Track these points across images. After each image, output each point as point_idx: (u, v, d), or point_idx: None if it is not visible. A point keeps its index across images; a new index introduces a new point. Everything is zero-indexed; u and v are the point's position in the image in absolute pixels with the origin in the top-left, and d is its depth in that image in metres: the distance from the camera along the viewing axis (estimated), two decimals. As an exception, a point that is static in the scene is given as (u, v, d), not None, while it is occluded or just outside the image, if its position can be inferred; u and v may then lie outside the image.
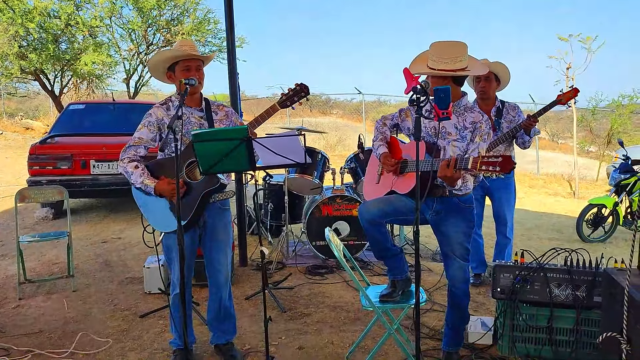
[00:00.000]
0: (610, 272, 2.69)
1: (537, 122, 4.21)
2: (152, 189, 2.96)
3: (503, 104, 4.40)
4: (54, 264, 5.41)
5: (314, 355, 3.39)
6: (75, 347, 3.51)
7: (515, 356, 3.30)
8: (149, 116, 3.10)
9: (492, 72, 4.26)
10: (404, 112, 3.19)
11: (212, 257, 3.23)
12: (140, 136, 3.07)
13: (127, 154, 3.06)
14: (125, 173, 3.05)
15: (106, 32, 15.81)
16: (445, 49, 2.84)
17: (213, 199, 3.13)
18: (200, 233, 3.19)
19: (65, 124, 7.78)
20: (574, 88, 4.21)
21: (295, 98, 3.25)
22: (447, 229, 3.01)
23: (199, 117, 3.14)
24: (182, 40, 3.13)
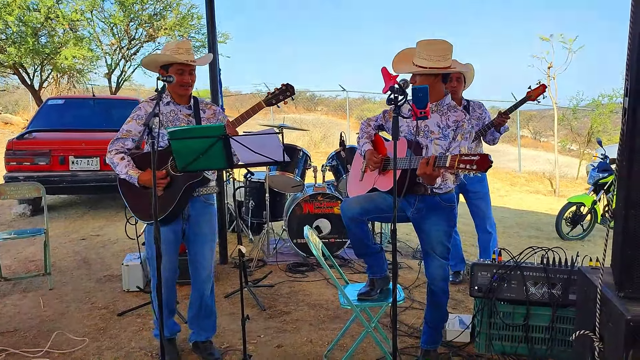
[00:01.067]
0: (584, 270, 2.72)
1: (509, 118, 4.27)
2: (135, 180, 3.00)
3: (468, 102, 4.46)
4: (30, 262, 5.33)
5: (292, 353, 3.39)
6: (51, 346, 3.46)
7: (491, 354, 3.32)
8: (138, 110, 3.15)
9: (462, 73, 4.31)
10: (387, 113, 3.23)
11: (196, 251, 3.24)
12: (129, 129, 3.11)
13: (115, 146, 3.10)
14: (112, 164, 3.09)
15: (87, 26, 15.58)
16: (435, 47, 2.87)
17: (197, 193, 3.16)
18: (184, 227, 3.20)
19: (43, 119, 7.67)
20: (542, 84, 4.32)
21: (280, 97, 3.33)
22: (428, 227, 3.02)
23: (187, 114, 3.18)
24: (180, 42, 3.10)
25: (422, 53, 2.89)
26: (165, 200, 3.01)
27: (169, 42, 3.21)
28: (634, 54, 2.22)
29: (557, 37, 12.11)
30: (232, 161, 2.67)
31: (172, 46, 3.07)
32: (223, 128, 2.56)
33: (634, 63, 2.22)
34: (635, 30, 2.21)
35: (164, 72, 3.09)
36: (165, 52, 3.09)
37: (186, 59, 3.04)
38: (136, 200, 3.12)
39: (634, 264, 2.30)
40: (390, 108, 3.16)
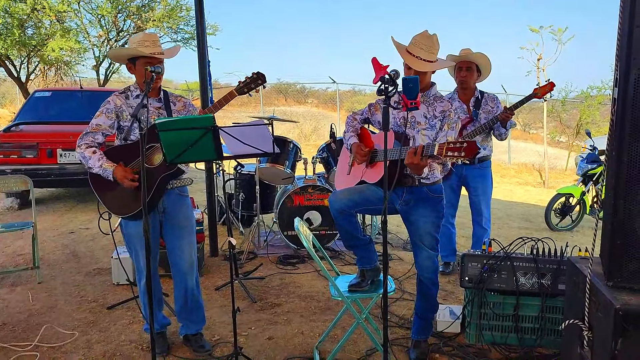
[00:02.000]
0: (573, 260, 2.74)
1: (513, 114, 4.25)
2: (110, 173, 2.95)
3: (482, 94, 4.43)
4: (18, 255, 5.28)
5: (283, 345, 3.39)
6: (40, 339, 3.43)
7: (482, 344, 3.34)
8: (107, 103, 3.10)
9: (474, 63, 4.30)
10: (373, 106, 3.22)
11: (174, 244, 3.23)
12: (99, 123, 3.07)
13: (85, 140, 3.06)
14: (83, 158, 3.03)
15: (74, 18, 15.39)
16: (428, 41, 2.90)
17: (171, 186, 3.14)
18: (161, 220, 3.19)
19: (30, 112, 7.59)
20: (550, 82, 4.23)
21: (252, 85, 3.31)
22: (417, 219, 3.03)
23: (157, 107, 3.16)
24: (146, 35, 3.07)
25: (420, 43, 2.89)
26: (139, 194, 2.91)
27: (135, 34, 3.16)
28: (623, 45, 2.23)
29: (547, 28, 12.14)
30: (221, 152, 2.65)
31: (139, 38, 3.03)
32: (212, 119, 2.53)
33: (623, 54, 2.23)
34: (624, 21, 2.21)
35: (131, 65, 3.08)
36: (131, 44, 3.05)
37: (152, 52, 3.00)
38: (109, 195, 3.06)
39: (622, 253, 2.31)
40: (376, 100, 3.21)
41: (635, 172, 2.22)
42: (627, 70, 2.20)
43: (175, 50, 3.23)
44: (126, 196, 3.01)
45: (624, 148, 2.24)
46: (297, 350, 3.31)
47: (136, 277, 3.27)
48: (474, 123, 4.34)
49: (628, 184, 2.24)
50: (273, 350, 3.31)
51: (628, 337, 2.17)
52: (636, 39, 2.18)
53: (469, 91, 4.40)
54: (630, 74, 2.20)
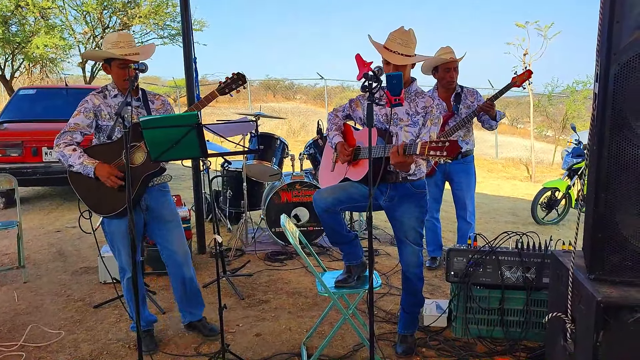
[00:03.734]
0: (556, 254, 2.77)
1: (493, 106, 4.26)
2: (91, 170, 2.95)
3: (462, 89, 4.45)
4: (3, 255, 5.24)
5: (270, 341, 3.39)
6: (26, 339, 3.41)
7: (468, 338, 3.37)
8: (85, 102, 3.09)
9: (457, 62, 4.32)
10: (354, 102, 3.22)
11: (165, 239, 3.28)
12: (77, 122, 3.06)
13: (63, 139, 3.05)
14: (62, 157, 3.03)
15: (59, 14, 15.27)
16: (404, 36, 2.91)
17: (152, 183, 3.18)
18: (145, 218, 3.21)
19: (15, 110, 7.51)
20: (527, 70, 4.28)
21: (233, 86, 3.33)
22: (401, 215, 3.04)
23: (136, 106, 3.15)
24: (121, 35, 3.06)
25: (397, 39, 2.90)
26: (123, 192, 2.95)
27: (110, 34, 3.16)
28: (603, 40, 2.25)
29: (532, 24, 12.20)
30: (206, 150, 2.65)
31: (113, 39, 3.02)
32: (196, 116, 2.53)
33: (603, 49, 2.25)
34: (604, 17, 2.24)
35: (106, 65, 3.10)
36: (106, 45, 3.04)
37: (126, 53, 2.98)
38: (90, 193, 3.06)
39: (604, 246, 2.34)
40: (357, 97, 3.21)
41: (616, 166, 2.25)
42: (607, 66, 2.23)
43: (150, 49, 3.19)
44: (108, 195, 3.01)
45: (605, 142, 2.27)
46: (285, 347, 3.32)
47: (119, 275, 3.25)
48: (455, 118, 4.36)
49: (609, 177, 2.27)
50: (261, 347, 3.32)
51: (609, 329, 2.21)
52: (616, 34, 2.21)
53: (452, 90, 4.42)
54: (611, 69, 2.23)
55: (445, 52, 4.28)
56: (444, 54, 4.28)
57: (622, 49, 2.20)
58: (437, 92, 4.44)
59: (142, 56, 3.06)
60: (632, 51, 2.19)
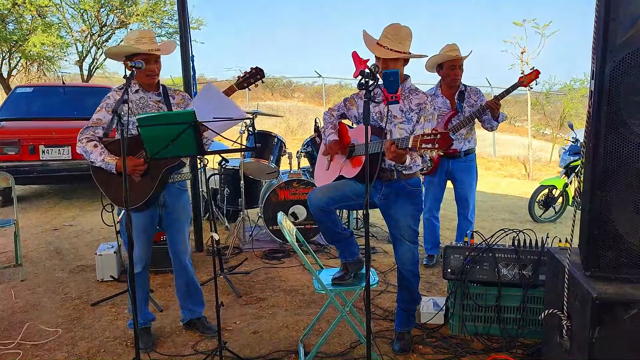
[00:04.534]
0: (553, 251, 2.78)
1: (500, 104, 4.26)
2: (113, 166, 3.02)
3: (465, 87, 4.45)
4: (1, 253, 5.23)
5: (268, 339, 3.40)
6: (23, 337, 3.41)
7: (465, 335, 3.38)
8: (107, 99, 3.17)
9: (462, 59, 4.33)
10: (349, 101, 3.24)
11: (173, 237, 3.35)
12: (99, 117, 3.13)
13: (85, 134, 3.11)
14: (85, 152, 3.08)
15: (56, 12, 15.23)
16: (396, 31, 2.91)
17: (172, 180, 3.22)
18: (161, 213, 3.27)
19: (12, 108, 7.51)
20: (535, 70, 4.26)
21: (251, 80, 3.39)
22: (396, 212, 3.04)
23: (157, 101, 3.22)
24: (142, 31, 3.12)
25: (388, 33, 2.91)
26: (143, 186, 3.05)
27: (131, 31, 3.20)
28: (599, 38, 2.25)
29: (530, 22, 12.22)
30: (203, 148, 2.65)
31: (135, 36, 3.08)
32: (193, 114, 2.52)
33: (599, 47, 2.25)
34: (600, 15, 2.24)
35: (128, 62, 3.09)
36: (128, 42, 3.10)
37: (149, 48, 3.05)
38: (113, 187, 3.12)
39: (599, 243, 2.35)
40: (351, 95, 3.22)
41: (612, 164, 2.26)
42: (602, 63, 2.24)
43: (171, 46, 3.27)
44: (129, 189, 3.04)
45: (601, 140, 2.27)
46: (282, 344, 3.32)
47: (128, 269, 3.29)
48: (459, 116, 4.37)
49: (604, 175, 2.28)
50: (258, 344, 3.32)
51: (605, 325, 2.22)
52: (611, 32, 2.21)
53: (457, 88, 4.42)
54: (606, 67, 2.23)
55: (451, 50, 4.28)
56: (450, 52, 4.28)
57: (618, 46, 2.20)
58: (441, 90, 4.45)
59: (164, 51, 3.15)
60: (627, 49, 2.19)
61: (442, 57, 4.30)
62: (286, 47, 78.28)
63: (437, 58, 4.31)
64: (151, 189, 3.08)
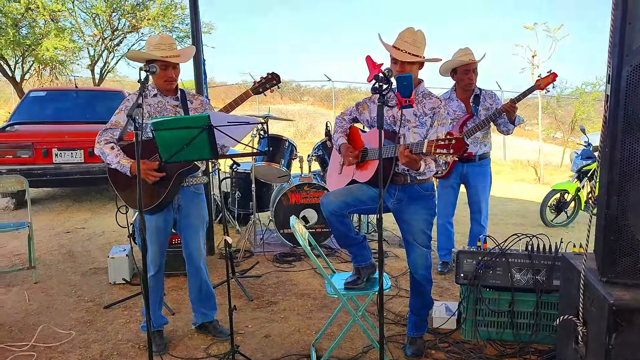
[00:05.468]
0: (567, 256, 2.76)
1: (516, 108, 4.25)
2: (127, 169, 3.04)
3: (480, 91, 4.44)
4: (15, 256, 5.28)
5: (280, 343, 3.40)
6: (37, 339, 3.44)
7: (477, 340, 3.36)
8: (126, 101, 3.22)
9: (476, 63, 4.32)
10: (361, 106, 3.24)
11: (187, 241, 3.37)
12: (118, 120, 3.17)
13: (104, 136, 3.14)
14: (102, 154, 3.12)
15: (69, 17, 15.35)
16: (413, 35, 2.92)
17: (187, 183, 3.24)
18: (175, 217, 3.30)
19: (25, 112, 7.58)
20: (553, 73, 4.24)
21: (267, 85, 3.45)
22: (409, 217, 3.04)
23: (175, 105, 3.25)
24: (162, 37, 3.16)
25: (405, 37, 2.91)
26: (157, 189, 3.08)
27: (151, 36, 3.22)
28: (615, 42, 2.24)
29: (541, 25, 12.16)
30: (216, 151, 2.66)
31: (155, 42, 3.11)
32: (207, 118, 2.54)
33: (615, 51, 2.24)
34: (616, 19, 2.23)
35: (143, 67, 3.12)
36: (148, 47, 3.14)
37: (168, 55, 3.08)
38: (128, 189, 3.15)
39: (616, 249, 2.33)
40: (363, 99, 3.22)
41: (628, 169, 2.24)
42: (619, 67, 2.22)
43: (190, 52, 3.30)
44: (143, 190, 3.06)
45: (617, 145, 2.26)
46: (294, 348, 3.32)
47: None
48: (474, 119, 4.35)
49: (621, 180, 2.26)
50: (270, 348, 3.32)
51: (622, 332, 2.20)
52: (628, 36, 2.20)
53: (472, 91, 4.41)
54: (623, 71, 2.22)
55: (464, 54, 4.27)
56: (463, 56, 4.27)
57: (635, 50, 2.19)
58: (456, 94, 4.44)
59: (182, 58, 3.17)
60: (644, 53, 2.18)
61: (455, 62, 4.30)
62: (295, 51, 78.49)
63: (451, 63, 4.31)
64: (164, 192, 3.10)
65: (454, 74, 4.38)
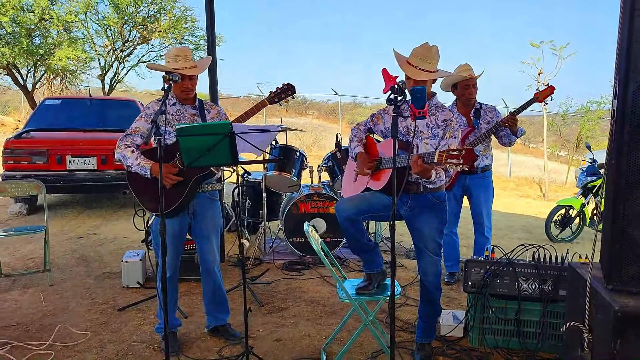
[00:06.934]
0: (574, 265, 2.84)
1: (516, 120, 4.36)
2: (147, 170, 3.15)
3: (481, 105, 4.56)
4: (29, 259, 5.38)
5: (291, 346, 3.48)
6: (54, 339, 3.52)
7: (484, 347, 3.43)
8: (147, 109, 3.34)
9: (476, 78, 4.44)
10: (375, 117, 3.34)
11: (202, 246, 3.46)
12: (138, 126, 3.28)
13: (125, 141, 3.25)
14: (122, 157, 3.22)
15: (81, 28, 15.60)
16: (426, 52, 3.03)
17: (202, 189, 3.34)
18: (190, 222, 3.39)
19: (40, 119, 7.72)
20: (550, 86, 4.36)
21: (282, 95, 3.57)
22: (421, 225, 3.13)
23: (192, 114, 3.37)
24: (179, 49, 3.29)
25: (419, 54, 3.02)
26: (173, 193, 3.18)
27: (170, 49, 3.36)
28: (622, 59, 2.35)
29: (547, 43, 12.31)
30: (237, 157, 2.77)
31: (172, 54, 3.25)
32: (229, 125, 2.65)
33: (622, 68, 2.35)
34: (623, 37, 2.34)
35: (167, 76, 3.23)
36: (166, 59, 3.28)
37: (183, 67, 3.20)
38: (145, 193, 3.26)
39: (621, 258, 2.41)
40: (377, 111, 3.33)
41: (633, 179, 2.33)
42: (625, 84, 2.32)
43: (206, 62, 3.43)
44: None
45: (623, 157, 2.35)
46: (305, 352, 3.40)
47: (157, 274, 3.43)
48: (475, 132, 4.46)
49: (626, 190, 2.35)
50: (281, 351, 3.40)
51: (627, 337, 2.27)
52: (634, 54, 2.30)
53: (472, 106, 4.53)
54: (629, 87, 2.32)
55: (464, 70, 4.40)
56: (463, 71, 4.39)
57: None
58: (457, 108, 4.55)
59: (198, 69, 3.29)
60: (649, 70, 2.28)
61: (455, 78, 4.43)
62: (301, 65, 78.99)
63: (451, 78, 4.44)
64: (181, 196, 3.21)
65: (455, 89, 4.51)
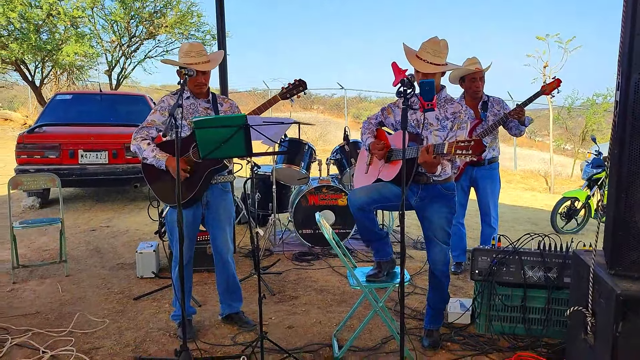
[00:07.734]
0: (578, 252, 2.93)
1: (523, 112, 4.44)
2: (163, 163, 3.25)
3: (488, 98, 4.64)
4: (44, 251, 5.50)
5: (302, 333, 3.58)
6: (74, 326, 3.64)
7: (491, 334, 3.52)
8: (161, 102, 3.43)
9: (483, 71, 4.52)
10: (386, 110, 3.43)
11: (215, 235, 3.55)
12: (153, 119, 3.38)
13: (140, 134, 3.35)
14: (138, 149, 3.32)
15: (88, 23, 15.73)
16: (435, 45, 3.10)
17: (215, 181, 3.43)
18: (204, 212, 3.48)
19: (52, 114, 7.84)
20: (557, 79, 4.43)
21: (294, 91, 3.66)
22: (431, 215, 3.22)
23: (206, 107, 3.46)
24: (192, 45, 3.36)
25: (428, 48, 3.10)
26: (188, 185, 3.28)
27: (183, 44, 3.44)
28: (625, 51, 2.43)
29: (553, 36, 12.34)
30: (251, 149, 2.86)
31: (185, 49, 3.33)
32: (244, 118, 2.75)
33: (624, 60, 2.43)
34: (626, 29, 2.42)
35: (180, 71, 3.32)
36: (180, 54, 3.36)
37: (196, 62, 3.28)
38: (160, 184, 3.37)
39: (623, 244, 2.50)
40: (388, 105, 3.42)
41: (635, 168, 2.42)
42: (628, 75, 2.41)
43: (219, 56, 3.50)
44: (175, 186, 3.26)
45: (625, 147, 2.43)
46: (317, 338, 3.51)
47: (172, 264, 3.53)
48: (483, 125, 4.54)
49: (629, 178, 2.43)
50: (294, 337, 3.51)
51: (628, 320, 2.36)
52: (637, 46, 2.38)
53: (479, 99, 4.61)
54: (632, 79, 2.40)
55: (472, 63, 4.48)
56: (470, 65, 4.47)
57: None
58: (465, 101, 4.63)
59: (211, 64, 3.37)
60: (651, 62, 2.36)
61: (462, 71, 4.50)
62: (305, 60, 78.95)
63: (459, 71, 4.52)
64: (195, 187, 3.31)
65: (462, 82, 4.59)
